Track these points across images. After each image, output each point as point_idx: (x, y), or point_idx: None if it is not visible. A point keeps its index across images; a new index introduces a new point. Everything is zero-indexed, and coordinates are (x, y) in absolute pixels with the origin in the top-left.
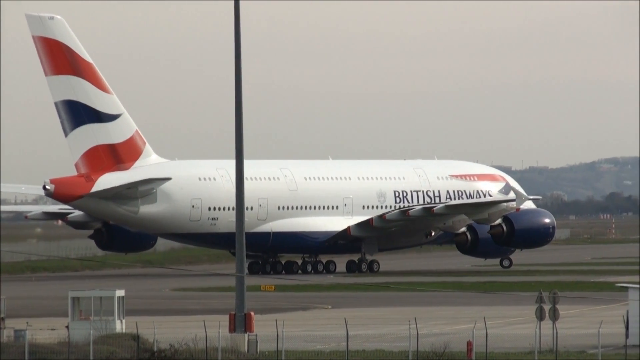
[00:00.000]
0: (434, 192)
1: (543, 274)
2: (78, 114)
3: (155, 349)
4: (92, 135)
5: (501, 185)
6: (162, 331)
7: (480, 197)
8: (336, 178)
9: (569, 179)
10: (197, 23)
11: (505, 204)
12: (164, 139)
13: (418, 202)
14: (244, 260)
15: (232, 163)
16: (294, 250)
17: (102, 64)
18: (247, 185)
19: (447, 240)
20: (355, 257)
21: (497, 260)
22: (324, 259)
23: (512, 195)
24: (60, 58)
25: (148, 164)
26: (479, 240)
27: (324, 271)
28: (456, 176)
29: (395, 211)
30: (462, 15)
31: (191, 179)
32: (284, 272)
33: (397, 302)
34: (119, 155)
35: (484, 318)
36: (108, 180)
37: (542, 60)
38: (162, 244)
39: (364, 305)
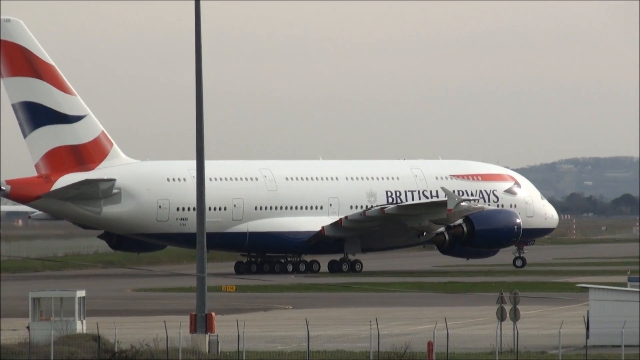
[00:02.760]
0: (431, 192)
1: (504, 274)
2: (37, 115)
3: (116, 350)
4: (52, 136)
5: (509, 185)
6: (123, 332)
7: (483, 197)
8: (322, 178)
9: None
10: (180, 20)
11: (466, 203)
12: (139, 140)
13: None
14: (205, 260)
15: (206, 163)
16: (273, 250)
17: (78, 67)
18: (222, 185)
19: None
20: (339, 257)
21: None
22: (308, 258)
23: (517, 191)
24: (17, 60)
25: (114, 165)
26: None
27: (308, 271)
28: (458, 176)
29: (357, 212)
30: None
31: (159, 180)
32: (273, 272)
33: (358, 303)
34: (82, 156)
35: (445, 318)
36: (67, 180)
37: (505, 63)
38: None
39: (325, 306)
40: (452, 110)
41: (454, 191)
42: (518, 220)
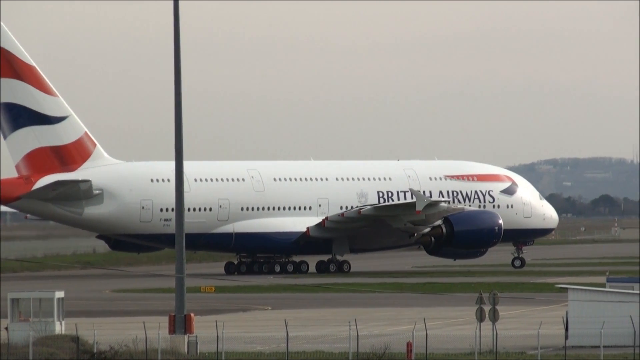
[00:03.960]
0: (424, 192)
1: (483, 274)
2: (18, 117)
3: (95, 351)
4: (34, 137)
5: (505, 185)
6: (101, 332)
7: (479, 197)
8: (311, 179)
9: None
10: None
11: (445, 204)
12: (126, 142)
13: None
14: (184, 261)
15: (192, 164)
16: (260, 250)
17: (66, 68)
18: (208, 186)
19: None
20: (327, 258)
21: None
22: (297, 259)
23: (514, 191)
24: None
25: (97, 166)
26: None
27: (296, 272)
28: (453, 177)
29: (336, 213)
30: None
31: (142, 180)
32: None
33: (337, 303)
34: (64, 157)
35: (424, 319)
36: (48, 182)
37: (483, 64)
38: (101, 245)
39: (304, 307)
40: (438, 111)
41: (447, 192)
42: (499, 221)
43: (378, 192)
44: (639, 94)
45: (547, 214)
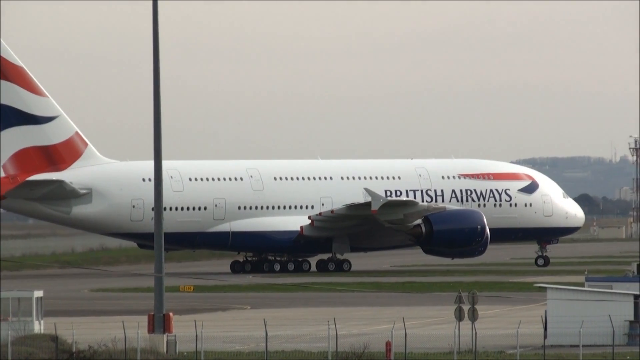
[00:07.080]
0: (435, 191)
1: (462, 274)
2: (5, 117)
3: (74, 350)
4: (21, 137)
5: (524, 184)
6: (80, 332)
7: (494, 196)
8: (314, 177)
9: None
10: (179, 17)
11: (426, 203)
12: (122, 141)
13: None
14: (162, 261)
15: (188, 163)
16: (258, 249)
17: (61, 70)
18: (203, 185)
19: None
20: (327, 257)
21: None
22: (300, 258)
23: (533, 190)
24: None
25: (87, 165)
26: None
27: (297, 271)
28: (467, 175)
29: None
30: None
31: (133, 180)
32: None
33: (317, 303)
34: (53, 156)
35: (403, 318)
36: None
37: (462, 62)
38: (80, 244)
39: (283, 306)
40: (421, 110)
41: (460, 191)
42: (482, 220)
43: (385, 191)
44: (639, 92)
45: (570, 212)
